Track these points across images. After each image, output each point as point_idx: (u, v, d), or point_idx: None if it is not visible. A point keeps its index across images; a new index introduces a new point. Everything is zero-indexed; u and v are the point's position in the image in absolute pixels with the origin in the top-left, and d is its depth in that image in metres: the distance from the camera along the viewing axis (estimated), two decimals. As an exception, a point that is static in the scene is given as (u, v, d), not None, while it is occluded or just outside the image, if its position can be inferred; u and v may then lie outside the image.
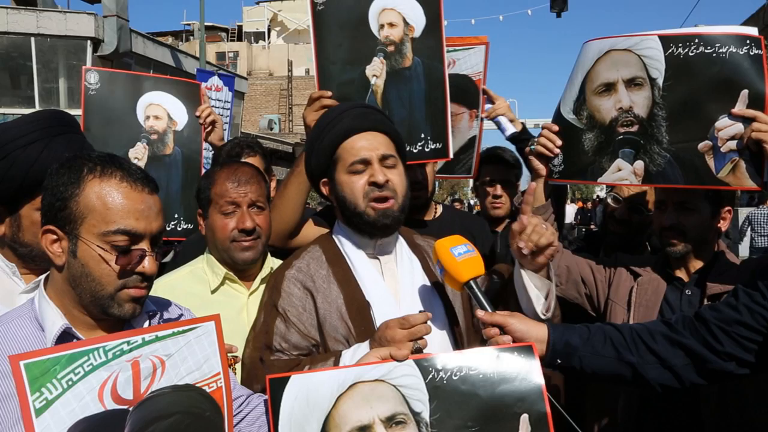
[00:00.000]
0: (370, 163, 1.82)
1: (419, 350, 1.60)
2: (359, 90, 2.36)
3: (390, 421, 1.41)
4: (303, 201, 2.31)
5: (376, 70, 2.39)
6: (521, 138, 2.62)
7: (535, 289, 1.79)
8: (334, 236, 1.97)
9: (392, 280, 1.87)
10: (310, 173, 1.98)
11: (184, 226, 2.92)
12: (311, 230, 2.32)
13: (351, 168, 1.83)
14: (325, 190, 1.93)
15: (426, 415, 1.43)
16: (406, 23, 2.39)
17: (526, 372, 1.49)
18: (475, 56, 2.74)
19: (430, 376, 1.46)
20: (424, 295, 1.86)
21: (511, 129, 2.54)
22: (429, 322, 1.63)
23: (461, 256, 1.69)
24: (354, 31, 2.39)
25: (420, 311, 1.66)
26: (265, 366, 1.76)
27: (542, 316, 1.78)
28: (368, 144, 1.84)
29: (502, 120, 2.58)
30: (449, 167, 2.82)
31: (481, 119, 2.70)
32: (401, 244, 1.95)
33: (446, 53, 2.69)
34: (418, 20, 2.40)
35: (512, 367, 1.50)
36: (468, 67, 2.75)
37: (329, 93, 2.31)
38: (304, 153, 2.25)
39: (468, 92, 2.73)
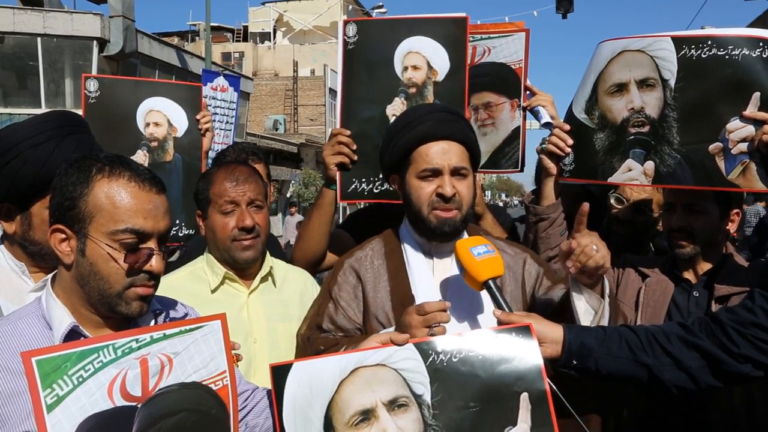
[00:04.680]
0: (441, 174, 1.86)
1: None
2: (378, 128, 2.39)
3: (392, 404, 1.43)
4: (327, 231, 2.43)
5: (396, 110, 2.43)
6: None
7: (583, 304, 1.78)
8: (398, 231, 2.04)
9: (443, 278, 1.91)
10: (383, 166, 2.06)
11: (186, 232, 2.92)
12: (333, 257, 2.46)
13: (421, 174, 1.88)
14: (394, 185, 2.01)
15: (427, 397, 1.45)
16: (429, 67, 2.43)
17: (525, 351, 1.52)
18: (514, 44, 2.66)
19: (430, 359, 1.48)
20: (473, 294, 1.85)
21: (547, 117, 2.50)
22: (462, 321, 1.66)
23: (480, 256, 1.71)
24: (379, 70, 2.43)
25: (439, 300, 1.70)
26: (311, 343, 1.88)
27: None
28: (442, 153, 1.87)
29: (541, 109, 2.54)
30: (495, 162, 2.74)
31: (524, 108, 2.64)
32: None
33: (480, 41, 2.68)
34: (442, 65, 2.43)
35: (511, 347, 1.52)
36: (505, 56, 2.68)
37: (347, 132, 2.39)
38: (324, 188, 2.42)
39: (507, 81, 2.67)
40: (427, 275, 1.92)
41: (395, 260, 1.96)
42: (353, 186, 2.43)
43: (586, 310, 1.78)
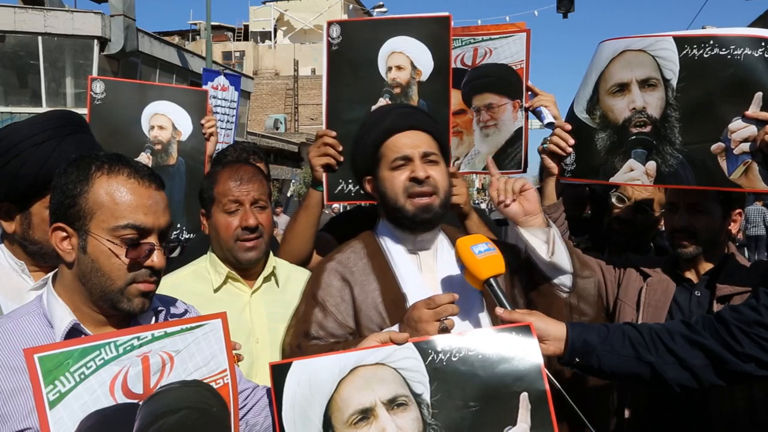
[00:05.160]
0: (411, 160, 1.88)
1: (446, 330, 1.63)
2: None
3: (391, 403, 1.43)
4: (313, 233, 2.43)
5: None
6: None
7: (535, 238, 1.84)
8: (376, 232, 2.02)
9: (430, 275, 1.91)
10: (355, 170, 2.07)
11: (186, 236, 2.92)
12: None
13: (393, 164, 1.89)
14: (369, 187, 2.00)
15: (427, 397, 1.45)
16: (413, 67, 2.44)
17: (525, 351, 1.52)
18: (515, 44, 2.67)
19: (430, 358, 1.47)
20: (461, 288, 1.86)
21: (549, 117, 2.50)
22: (460, 318, 1.67)
23: (482, 254, 1.71)
24: (363, 71, 2.44)
25: (447, 293, 1.69)
26: (302, 351, 1.83)
27: (547, 259, 1.83)
28: (410, 142, 1.90)
29: (543, 109, 2.54)
30: (498, 162, 2.71)
31: (526, 109, 2.64)
32: (442, 241, 1.98)
33: (481, 42, 2.67)
34: (425, 64, 2.44)
35: (511, 346, 1.52)
36: (507, 56, 2.69)
37: (333, 133, 2.38)
38: (311, 189, 2.43)
39: (509, 82, 2.68)
40: (414, 272, 1.91)
41: (379, 260, 1.93)
42: (340, 187, 2.42)
43: (538, 244, 1.83)
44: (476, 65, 2.71)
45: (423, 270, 1.92)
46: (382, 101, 2.42)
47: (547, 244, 1.83)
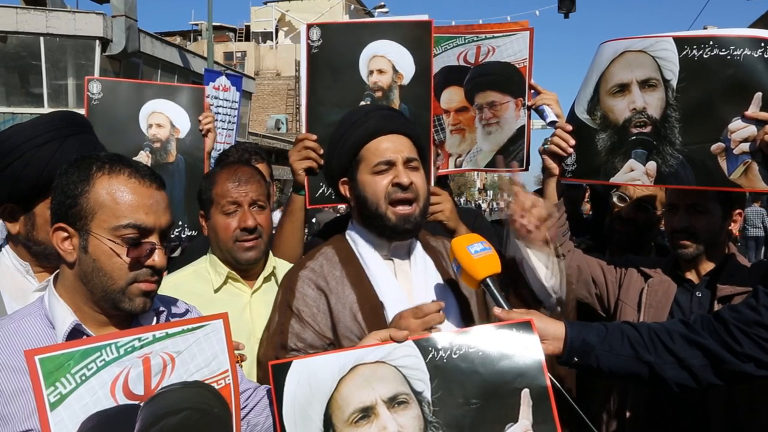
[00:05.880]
0: (394, 164, 1.83)
1: None
2: None
3: (392, 401, 1.43)
4: (300, 237, 2.41)
5: None
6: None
7: (536, 260, 1.82)
8: (347, 237, 1.96)
9: (405, 281, 1.88)
10: (330, 172, 1.99)
11: (188, 233, 2.93)
12: None
13: (375, 168, 1.84)
14: (344, 189, 1.94)
15: (427, 394, 1.45)
16: (395, 71, 2.44)
17: (526, 347, 1.51)
18: (518, 43, 2.67)
19: (430, 356, 1.47)
20: (437, 293, 1.86)
21: (552, 115, 2.50)
22: (444, 321, 1.64)
23: (478, 254, 1.70)
24: (344, 74, 2.43)
25: (432, 301, 1.67)
26: None
27: (547, 284, 1.81)
28: (393, 146, 1.85)
29: (546, 108, 2.54)
30: (499, 160, 2.74)
31: (528, 108, 2.64)
32: (416, 245, 1.96)
33: (484, 40, 2.67)
34: (407, 68, 2.44)
35: (511, 343, 1.51)
36: (509, 55, 2.68)
37: (314, 136, 2.36)
38: (293, 194, 2.40)
39: (511, 80, 2.67)
40: (389, 278, 1.86)
41: (354, 267, 1.87)
42: (320, 190, 2.41)
43: (539, 266, 1.82)
44: (479, 63, 2.71)
45: (398, 276, 1.87)
46: (364, 104, 2.39)
47: (548, 268, 1.81)
